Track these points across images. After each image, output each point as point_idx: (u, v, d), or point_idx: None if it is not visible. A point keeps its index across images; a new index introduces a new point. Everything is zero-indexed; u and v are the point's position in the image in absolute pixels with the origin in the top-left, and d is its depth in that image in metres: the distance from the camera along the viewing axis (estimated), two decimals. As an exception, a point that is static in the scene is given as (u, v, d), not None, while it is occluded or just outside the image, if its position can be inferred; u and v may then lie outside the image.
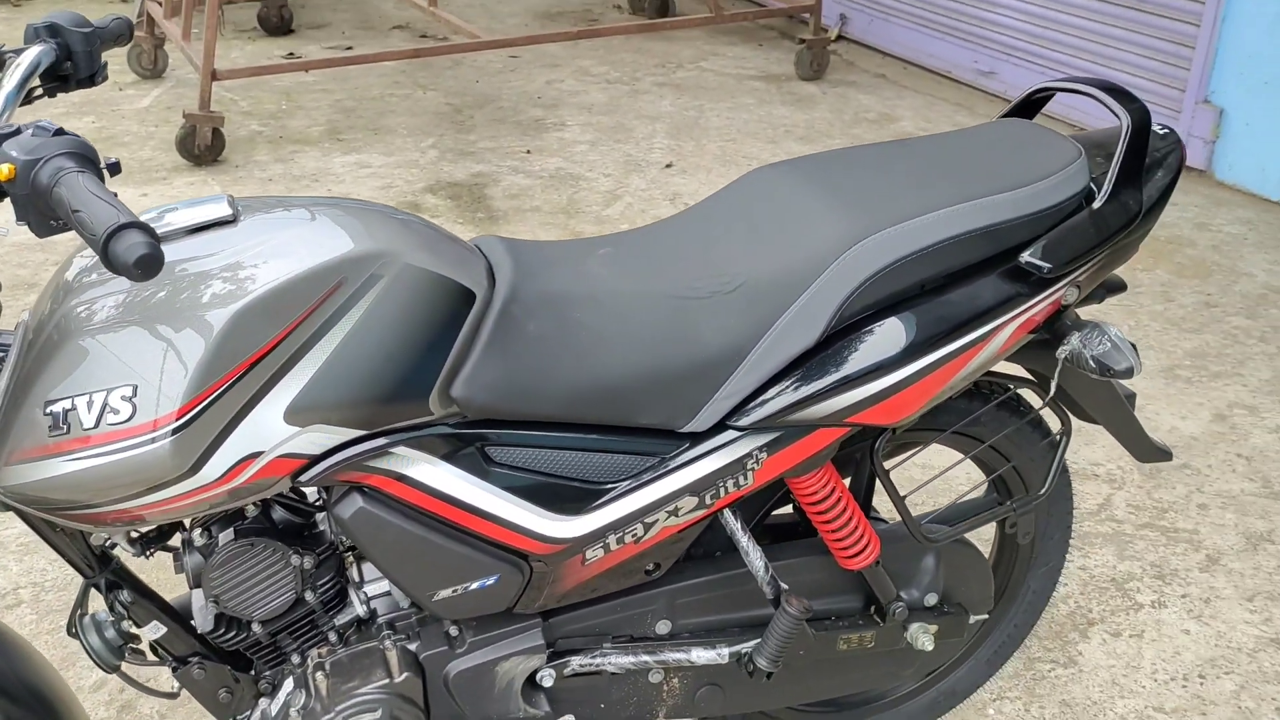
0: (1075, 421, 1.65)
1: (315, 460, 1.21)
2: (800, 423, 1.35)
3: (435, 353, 1.22)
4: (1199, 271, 3.64)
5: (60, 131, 0.98)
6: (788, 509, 1.66)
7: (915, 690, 1.86)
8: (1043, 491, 1.60)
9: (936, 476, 1.64)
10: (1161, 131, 1.54)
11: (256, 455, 1.16)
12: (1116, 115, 1.45)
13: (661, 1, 6.88)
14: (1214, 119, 4.30)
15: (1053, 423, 1.65)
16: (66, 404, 1.11)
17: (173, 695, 1.46)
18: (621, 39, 6.45)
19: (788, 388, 1.33)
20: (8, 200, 1.00)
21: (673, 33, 6.58)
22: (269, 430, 1.16)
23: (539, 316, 1.28)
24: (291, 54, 6.10)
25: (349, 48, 6.21)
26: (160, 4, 5.39)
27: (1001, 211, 1.37)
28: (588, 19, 7.00)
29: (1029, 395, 1.62)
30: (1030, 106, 1.61)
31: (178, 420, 1.11)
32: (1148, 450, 1.70)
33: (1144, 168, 1.45)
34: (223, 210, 1.20)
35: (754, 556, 1.46)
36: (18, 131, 0.99)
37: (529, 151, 4.70)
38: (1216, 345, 3.19)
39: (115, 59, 5.96)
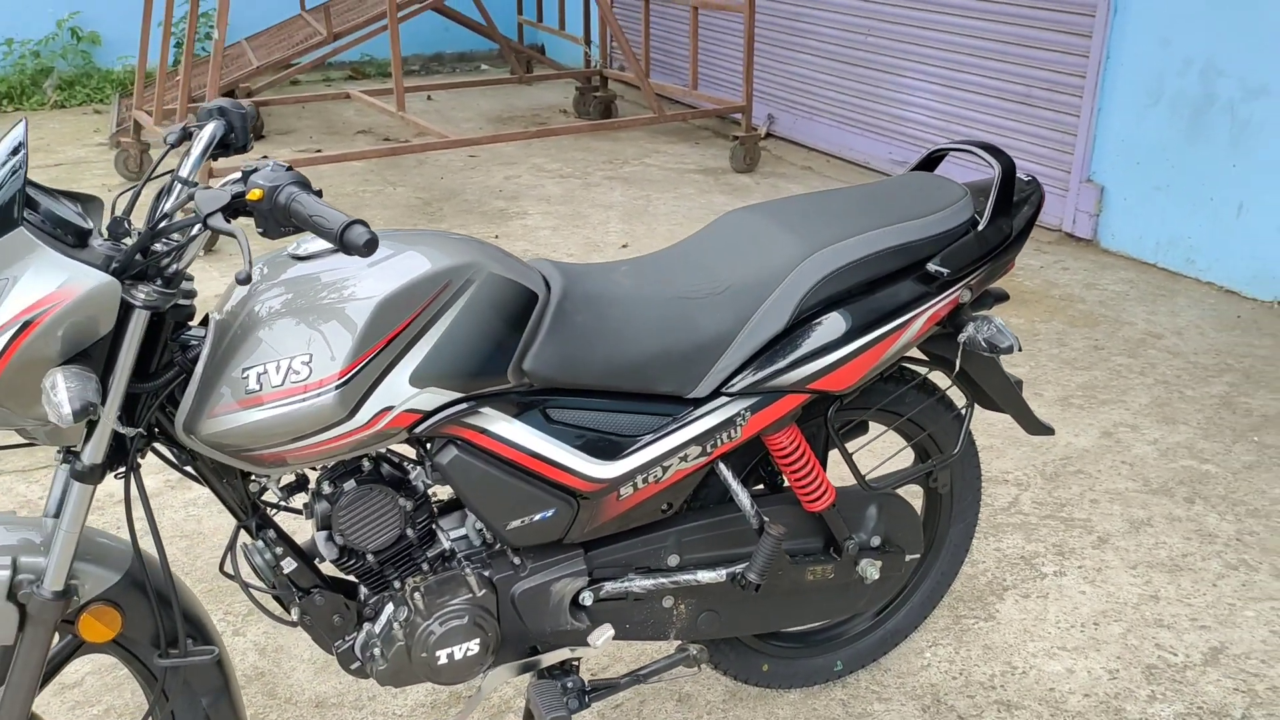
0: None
1: (427, 416, 1.65)
2: (773, 389, 1.83)
3: (511, 337, 1.68)
4: (1089, 322, 4.23)
5: (289, 168, 1.43)
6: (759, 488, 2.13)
7: (868, 629, 2.32)
8: (955, 451, 2.09)
9: (874, 439, 2.12)
10: (1026, 179, 2.08)
11: (390, 408, 1.60)
12: (991, 165, 1.98)
13: (605, 107, 7.52)
14: (1097, 195, 4.96)
15: (960, 402, 2.15)
16: (260, 369, 1.54)
17: (294, 623, 1.86)
18: (571, 138, 7.07)
19: (764, 363, 1.81)
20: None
21: (617, 132, 7.21)
22: (400, 389, 1.60)
23: (584, 312, 1.75)
24: (265, 157, 6.57)
25: (318, 150, 6.72)
26: (150, 114, 5.86)
27: (912, 233, 1.89)
28: (537, 122, 7.61)
29: (941, 380, 2.12)
30: (931, 163, 2.15)
31: (340, 379, 1.55)
32: (1034, 425, 2.20)
33: (1012, 204, 1.98)
34: (363, 236, 1.66)
35: (743, 498, 1.92)
36: (256, 169, 1.45)
37: (497, 236, 5.21)
38: (1104, 379, 3.76)
39: (104, 162, 6.40)
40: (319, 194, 1.44)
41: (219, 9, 4.77)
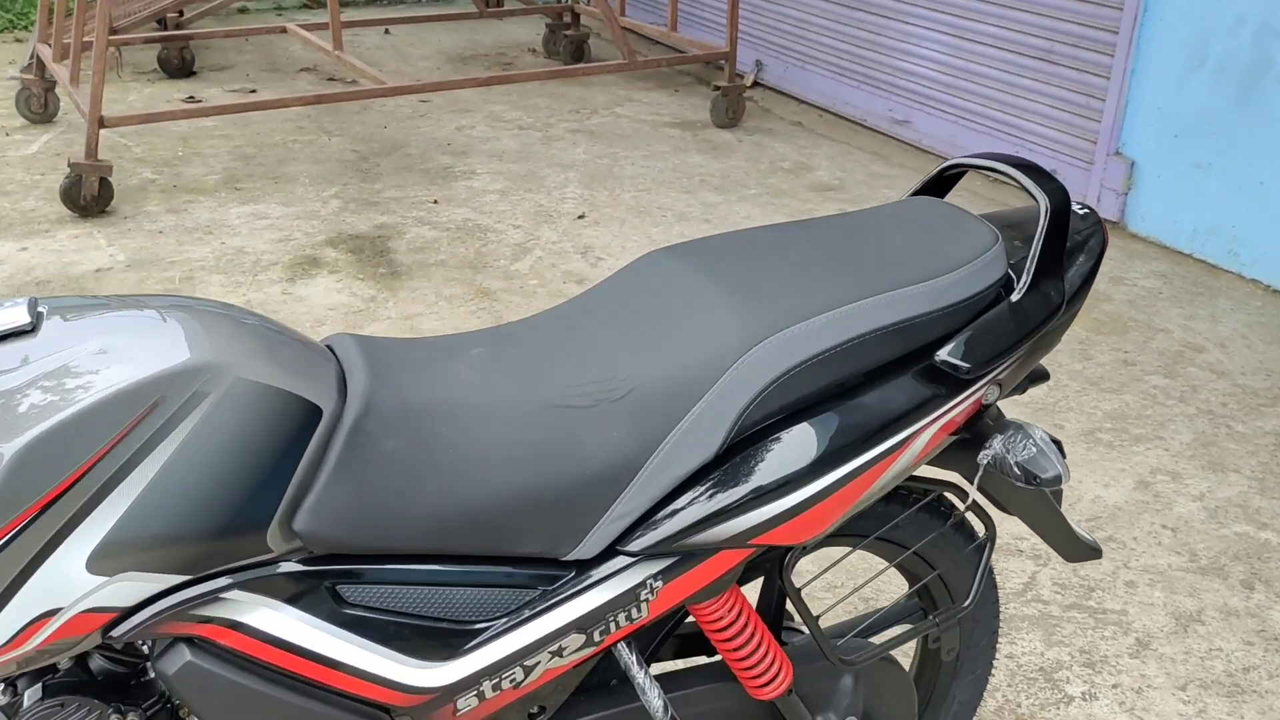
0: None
1: (129, 613, 1.03)
2: (700, 546, 1.20)
3: (274, 480, 1.05)
4: (1116, 328, 3.59)
5: None
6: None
7: (835, 811, 1.72)
8: (966, 604, 1.47)
9: (854, 591, 1.49)
10: (1081, 212, 1.44)
11: (53, 613, 0.98)
12: (1034, 197, 1.33)
13: (576, 46, 6.79)
14: (1126, 171, 4.30)
15: (978, 526, 1.52)
16: None
17: None
18: (535, 84, 6.34)
19: (684, 508, 1.18)
20: None
21: (587, 78, 6.48)
22: (68, 583, 0.98)
23: (397, 432, 1.12)
24: (191, 97, 5.87)
25: (253, 90, 6.01)
26: (50, 45, 5.13)
27: (914, 306, 1.25)
28: (501, 63, 6.88)
29: (953, 498, 1.50)
30: (943, 183, 1.50)
31: (-53, 580, 0.93)
32: (1077, 550, 1.58)
33: (1064, 254, 1.34)
34: (19, 318, 1.02)
35: (651, 695, 1.30)
36: None
37: (436, 201, 4.54)
38: (1136, 406, 3.13)
39: (3, 103, 5.67)
40: None
41: (106, -72, 4.04)
